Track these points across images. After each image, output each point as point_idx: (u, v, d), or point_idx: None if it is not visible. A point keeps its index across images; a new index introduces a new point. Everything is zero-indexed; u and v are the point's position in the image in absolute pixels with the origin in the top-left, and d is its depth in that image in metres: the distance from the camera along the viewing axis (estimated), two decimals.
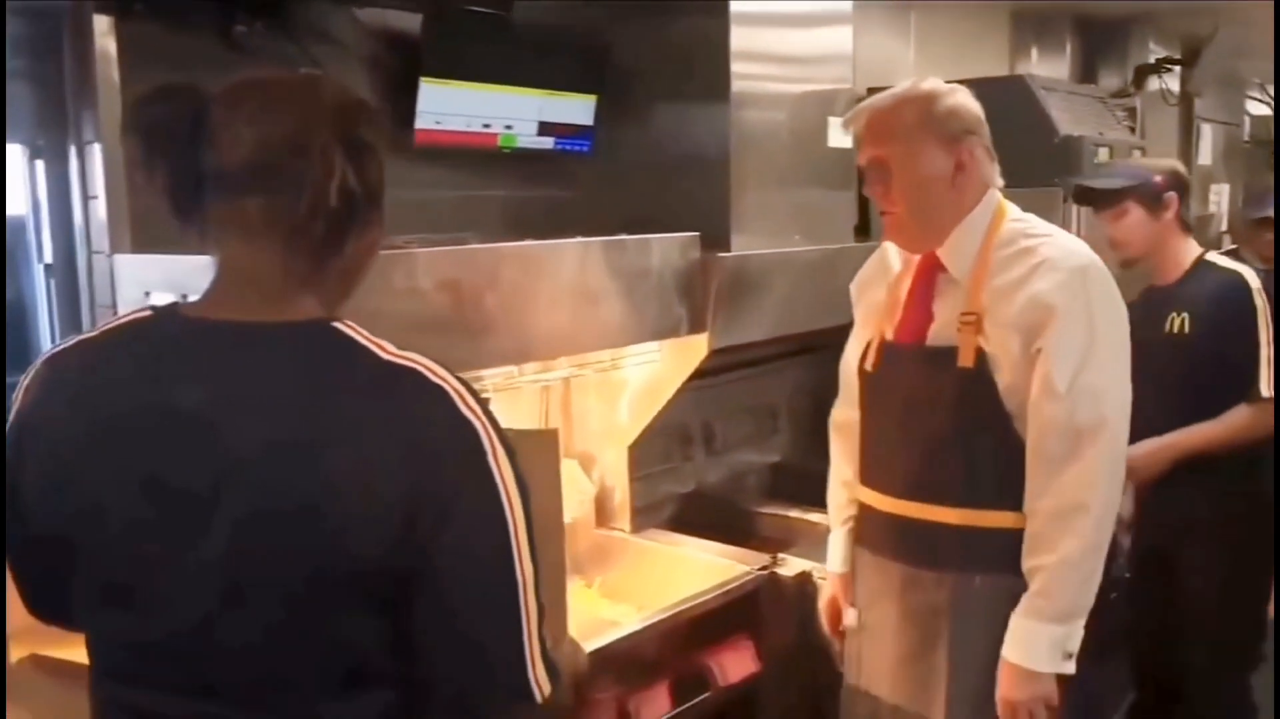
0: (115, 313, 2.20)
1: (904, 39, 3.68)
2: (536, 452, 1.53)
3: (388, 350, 1.09)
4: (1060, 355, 1.82)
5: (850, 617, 2.12)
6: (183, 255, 1.89)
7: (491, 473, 1.07)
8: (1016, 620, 1.85)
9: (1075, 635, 1.83)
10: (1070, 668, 1.84)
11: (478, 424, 1.07)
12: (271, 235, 1.10)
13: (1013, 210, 2.02)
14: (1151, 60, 4.87)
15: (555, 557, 1.58)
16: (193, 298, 1.89)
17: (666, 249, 2.38)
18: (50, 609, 1.23)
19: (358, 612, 1.06)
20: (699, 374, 2.61)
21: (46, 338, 2.68)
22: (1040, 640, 1.83)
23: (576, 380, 2.66)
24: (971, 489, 1.91)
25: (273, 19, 2.28)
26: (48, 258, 2.62)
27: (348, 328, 1.11)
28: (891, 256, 2.11)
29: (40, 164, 2.56)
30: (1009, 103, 3.20)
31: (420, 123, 2.49)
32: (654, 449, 2.82)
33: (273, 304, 1.11)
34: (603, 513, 2.73)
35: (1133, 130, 4.27)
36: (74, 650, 1.64)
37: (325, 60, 2.38)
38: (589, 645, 2.15)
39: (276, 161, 1.08)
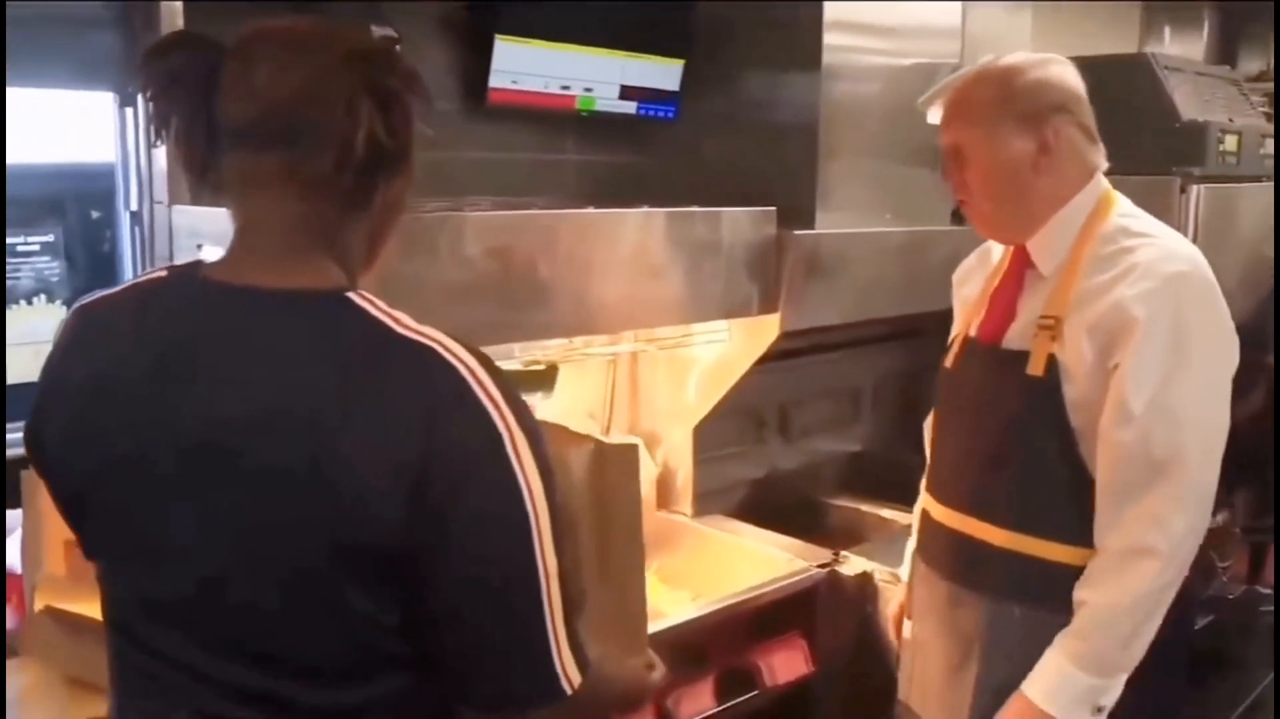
0: (171, 263, 2.19)
1: (1022, 12, 3.47)
2: (616, 465, 1.45)
3: (403, 324, 1.04)
4: (1139, 373, 1.62)
5: (907, 628, 2.00)
6: None
7: (507, 459, 1.01)
8: (1049, 656, 1.67)
9: (1112, 691, 1.64)
10: None
11: (491, 408, 1.01)
12: (293, 191, 1.06)
13: (1122, 204, 1.81)
14: (1273, 49, 4.55)
15: (635, 571, 1.48)
16: None
17: (737, 223, 2.27)
18: (96, 554, 1.19)
19: (366, 591, 1.01)
20: (776, 355, 2.49)
21: None
22: (1068, 687, 1.64)
23: (644, 356, 2.57)
24: (1023, 511, 1.74)
25: None
26: (134, 205, 2.64)
27: (363, 299, 1.06)
28: (996, 247, 1.95)
29: (129, 112, 2.58)
30: (1130, 83, 3.02)
31: (495, 81, 2.42)
32: (723, 431, 2.72)
33: (291, 268, 1.07)
34: (665, 495, 2.65)
35: (1270, 117, 3.98)
36: (87, 605, 1.63)
37: (397, 16, 2.32)
38: None
39: (298, 112, 1.03)
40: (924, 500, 1.96)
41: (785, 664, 2.22)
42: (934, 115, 1.86)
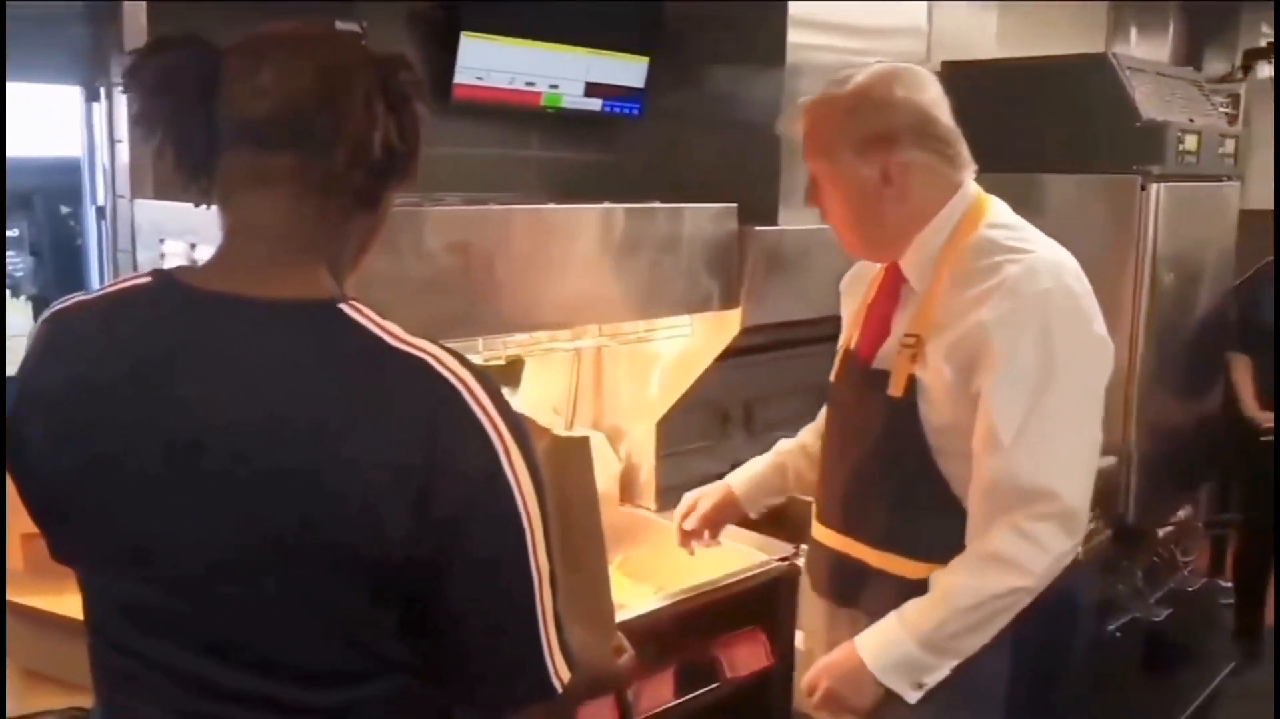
0: (133, 258, 2.19)
1: (988, 12, 3.50)
2: (569, 458, 1.46)
3: (396, 337, 1.03)
4: (1004, 401, 1.58)
5: (799, 639, 2.03)
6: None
7: (504, 471, 1.01)
8: (891, 619, 1.65)
9: (937, 672, 1.63)
10: (912, 698, 1.64)
11: (487, 421, 1.01)
12: (296, 191, 1.05)
13: (993, 214, 1.73)
14: (1262, 44, 4.60)
15: (596, 564, 1.50)
16: (203, 246, 1.89)
17: (699, 219, 2.29)
18: (69, 557, 1.17)
19: (363, 598, 1.01)
20: (739, 350, 2.51)
21: (95, 281, 2.70)
22: (896, 653, 1.63)
23: (607, 352, 2.58)
24: (890, 530, 1.73)
25: None
26: (100, 200, 2.63)
27: (354, 310, 1.04)
28: (871, 271, 1.90)
29: (95, 106, 2.57)
30: (1091, 84, 3.05)
31: (460, 78, 2.43)
32: (687, 426, 2.73)
33: (282, 276, 1.05)
34: (629, 489, 2.66)
35: (1233, 119, 4.03)
36: (44, 598, 1.64)
37: (363, 11, 2.33)
38: None
39: (313, 112, 1.03)
40: (815, 524, 1.93)
41: (745, 657, 2.23)
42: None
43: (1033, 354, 1.58)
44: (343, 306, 1.04)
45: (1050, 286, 1.61)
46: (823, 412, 2.04)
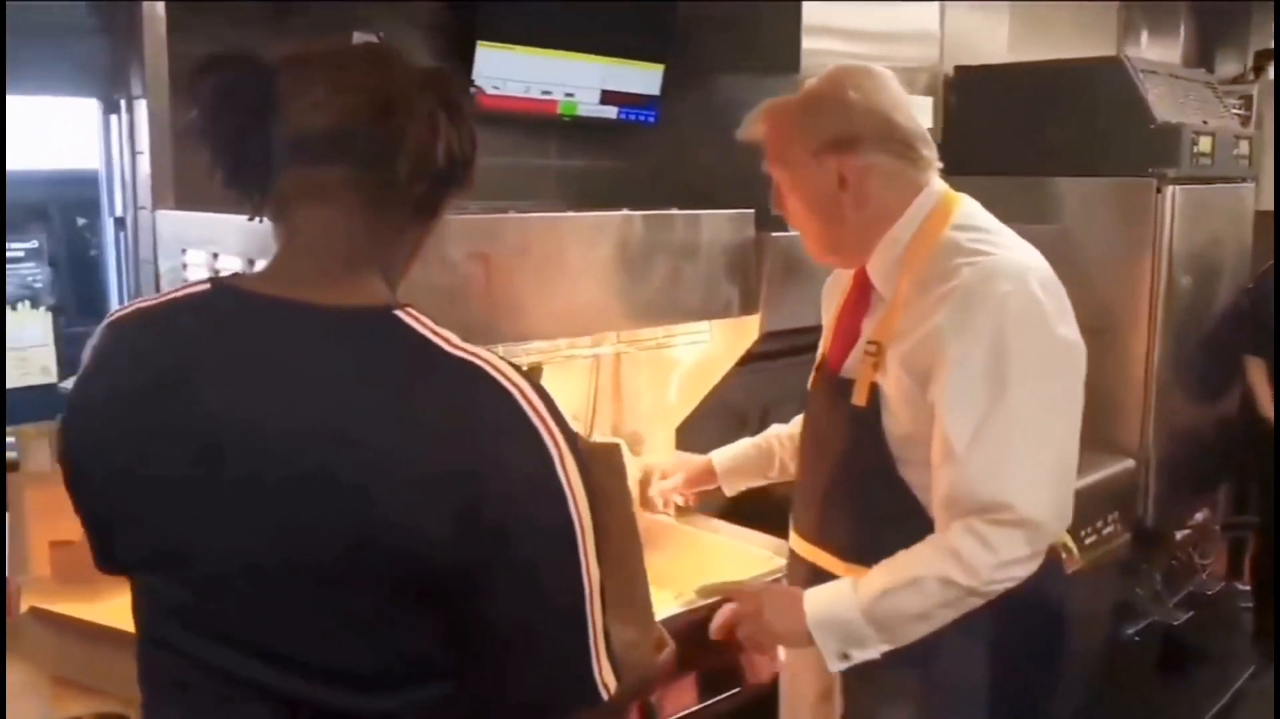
0: (154, 268, 2.20)
1: (1000, 15, 3.51)
2: (602, 466, 1.47)
3: (451, 343, 1.04)
4: (957, 410, 1.53)
5: (783, 652, 1.97)
6: (220, 214, 1.89)
7: (558, 478, 1.01)
8: (845, 582, 1.61)
9: (868, 649, 1.58)
10: (832, 667, 1.60)
11: (542, 428, 1.01)
12: (355, 202, 1.06)
13: (960, 214, 1.68)
14: (1274, 45, 4.58)
15: (637, 560, 1.50)
16: (225, 256, 1.90)
17: (716, 225, 2.29)
18: (116, 565, 1.19)
19: (409, 604, 1.02)
20: (758, 355, 2.51)
21: (114, 291, 2.72)
22: (836, 615, 1.58)
23: (626, 358, 2.58)
24: (859, 542, 1.69)
25: None
26: (118, 211, 2.65)
27: (410, 316, 1.05)
28: (847, 276, 1.88)
29: (114, 118, 2.59)
30: (1104, 87, 3.06)
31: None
32: (705, 432, 2.73)
33: (338, 284, 1.07)
34: (648, 495, 2.66)
35: (1246, 120, 4.02)
36: (72, 605, 1.65)
37: (378, 20, 2.35)
38: None
39: (368, 126, 1.04)
40: (792, 534, 1.92)
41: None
42: (924, 117, 1.86)
43: (985, 360, 1.52)
44: (398, 313, 1.05)
45: (1008, 290, 1.54)
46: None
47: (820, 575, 1.76)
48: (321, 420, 1.00)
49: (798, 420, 2.14)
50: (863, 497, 1.71)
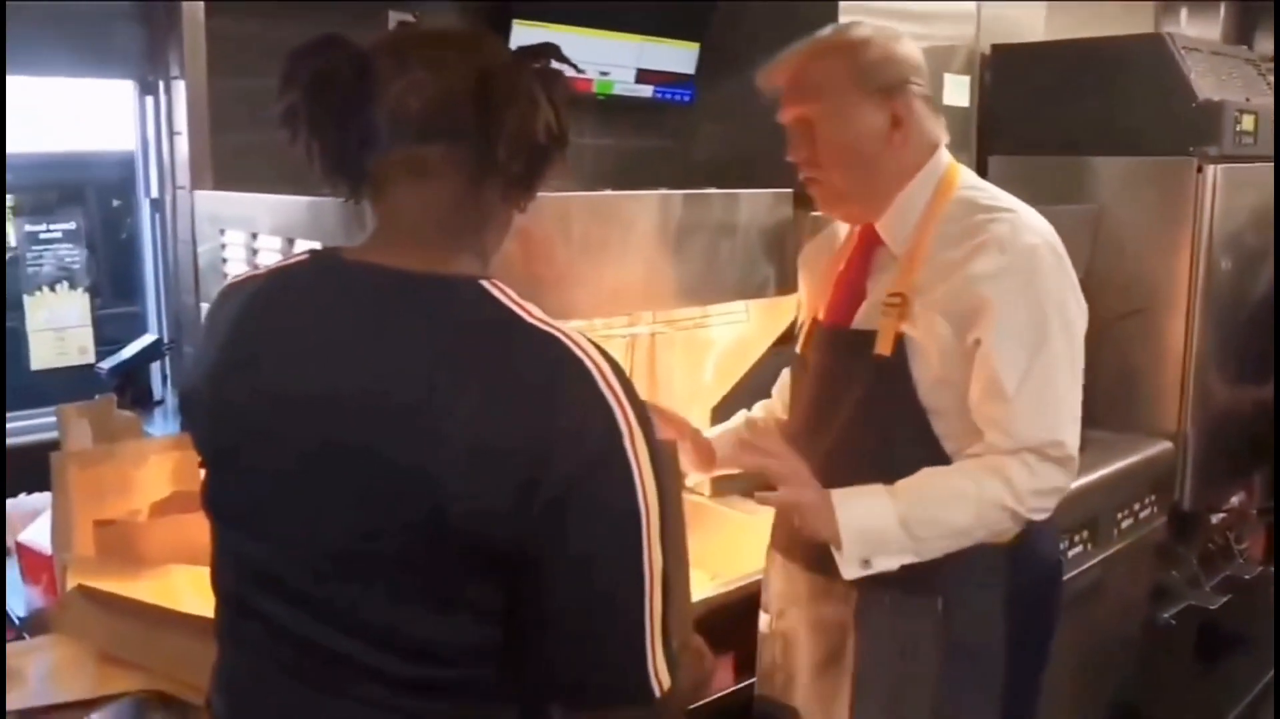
0: (193, 248, 2.21)
1: None
2: (657, 462, 1.46)
3: (534, 315, 1.06)
4: (1005, 351, 1.60)
5: (763, 622, 1.97)
6: (258, 194, 1.90)
7: (626, 454, 1.02)
8: (880, 490, 1.63)
9: (890, 559, 1.62)
10: (847, 573, 1.63)
11: (614, 402, 1.02)
12: (455, 180, 1.09)
13: (965, 176, 1.78)
14: (1274, 46, 4.50)
15: (683, 567, 1.50)
16: (263, 235, 1.90)
17: (754, 205, 2.28)
18: (210, 507, 1.23)
19: (472, 576, 1.03)
20: (795, 335, 2.50)
21: (150, 271, 2.74)
22: (870, 522, 1.61)
23: (662, 338, 2.58)
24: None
25: None
26: (154, 192, 2.66)
27: (496, 288, 1.08)
28: (842, 229, 1.92)
29: (149, 100, 2.60)
30: (1145, 64, 3.01)
31: None
32: None
33: (431, 255, 1.10)
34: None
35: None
36: (117, 583, 1.66)
37: (415, 1, 2.34)
38: None
39: (467, 106, 1.06)
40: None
41: None
42: (959, 95, 1.85)
43: (1029, 307, 1.62)
44: (484, 283, 1.07)
45: (1037, 243, 1.64)
46: (778, 388, 2.10)
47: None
48: (394, 380, 1.02)
49: (758, 405, 2.15)
50: (886, 447, 1.71)
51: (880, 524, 1.62)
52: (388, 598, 1.04)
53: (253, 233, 1.94)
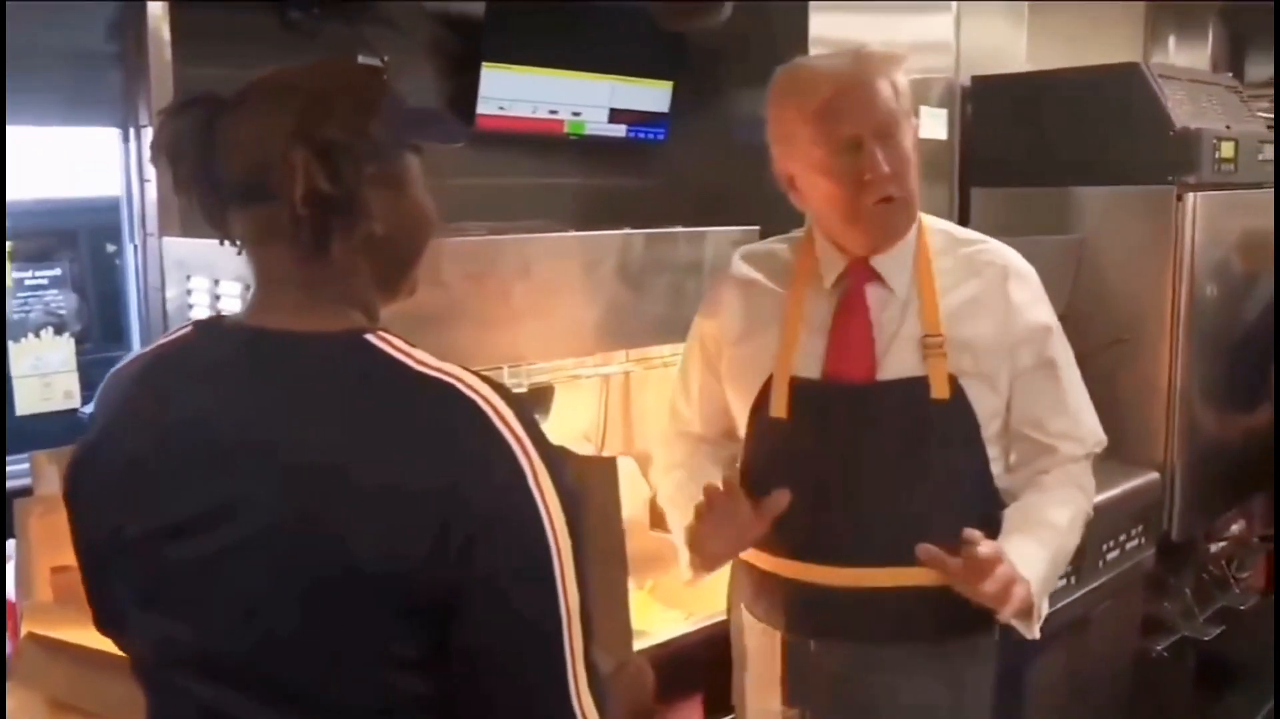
0: (162, 294, 2.23)
1: (1017, 24, 3.46)
2: (595, 479, 1.47)
3: (421, 362, 1.04)
4: (1064, 367, 1.73)
5: (750, 689, 1.87)
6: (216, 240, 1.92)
7: (530, 494, 1.00)
8: (1035, 552, 1.60)
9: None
10: (1035, 633, 1.63)
11: (514, 443, 1.01)
12: (273, 243, 1.08)
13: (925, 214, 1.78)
14: (1274, 47, 4.49)
15: (618, 583, 1.51)
16: (225, 281, 1.92)
17: (721, 243, 2.28)
18: (116, 626, 1.22)
19: (393, 630, 1.01)
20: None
21: (135, 318, 2.76)
22: (1045, 568, 1.61)
23: (635, 377, 2.58)
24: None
25: (329, 2, 2.27)
26: (138, 239, 2.68)
27: (380, 339, 1.06)
28: (767, 279, 1.77)
29: (131, 146, 2.63)
30: (1123, 94, 3.00)
31: (482, 108, 2.47)
32: None
33: (306, 312, 1.09)
34: (659, 515, 2.64)
35: (1274, 125, 3.94)
36: (71, 630, 1.66)
37: (384, 44, 2.37)
38: None
39: (258, 168, 1.06)
40: (783, 569, 1.74)
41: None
42: (935, 129, 1.85)
43: (1054, 322, 1.73)
44: (369, 337, 1.06)
45: (1026, 265, 1.74)
46: (693, 463, 1.89)
47: (890, 598, 1.66)
48: (292, 446, 1.01)
49: (678, 482, 1.92)
50: (958, 488, 1.68)
51: (1044, 573, 1.62)
52: (310, 661, 1.03)
53: (215, 279, 1.95)
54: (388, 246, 1.12)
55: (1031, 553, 1.60)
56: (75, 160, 2.74)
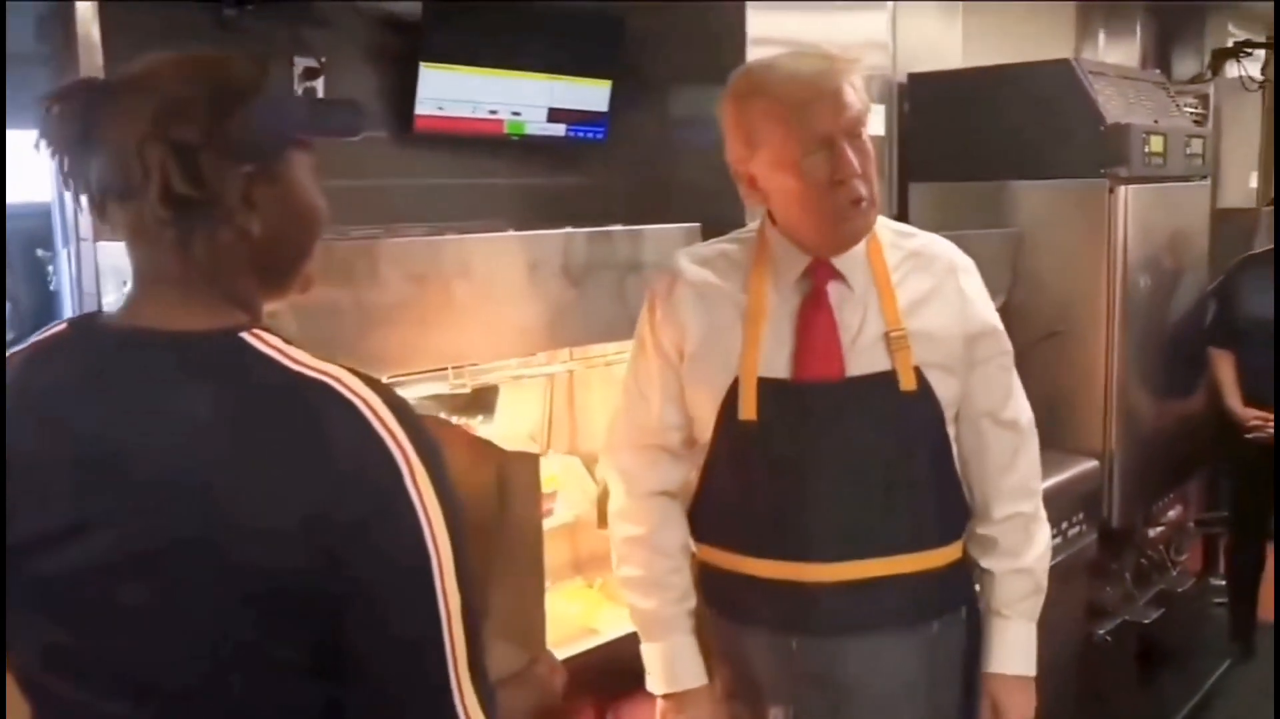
0: (98, 300, 2.19)
1: (952, 18, 3.51)
2: (518, 474, 1.46)
3: (297, 361, 1.02)
4: (1004, 357, 1.77)
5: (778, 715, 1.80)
6: None
7: (407, 494, 0.99)
8: (1011, 625, 1.78)
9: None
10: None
11: (391, 442, 0.99)
12: (142, 240, 1.05)
13: None
14: (1230, 44, 4.61)
15: (534, 578, 1.51)
16: None
17: (661, 241, 2.29)
18: None
19: (268, 636, 1.00)
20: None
21: None
22: (1032, 646, 1.80)
23: (579, 377, 2.58)
24: (919, 530, 1.71)
25: (264, 0, 2.24)
26: (71, 245, 2.63)
27: (256, 337, 1.04)
28: (722, 281, 1.74)
29: None
30: (1055, 89, 3.07)
31: (421, 109, 2.45)
32: None
33: (180, 310, 1.05)
34: (606, 513, 2.65)
35: (1201, 119, 4.04)
36: None
37: (320, 43, 2.35)
38: (575, 649, 2.09)
39: (119, 166, 1.02)
40: (754, 568, 1.73)
41: None
42: (874, 127, 1.84)
43: (996, 315, 1.78)
44: (243, 334, 1.04)
45: (965, 255, 1.78)
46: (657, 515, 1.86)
47: (867, 589, 1.68)
48: (164, 448, 0.99)
49: (660, 554, 1.88)
50: (926, 477, 1.73)
51: (1031, 641, 1.81)
52: (193, 669, 1.01)
53: None
54: (270, 244, 1.08)
55: (1018, 635, 1.80)
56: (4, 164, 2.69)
